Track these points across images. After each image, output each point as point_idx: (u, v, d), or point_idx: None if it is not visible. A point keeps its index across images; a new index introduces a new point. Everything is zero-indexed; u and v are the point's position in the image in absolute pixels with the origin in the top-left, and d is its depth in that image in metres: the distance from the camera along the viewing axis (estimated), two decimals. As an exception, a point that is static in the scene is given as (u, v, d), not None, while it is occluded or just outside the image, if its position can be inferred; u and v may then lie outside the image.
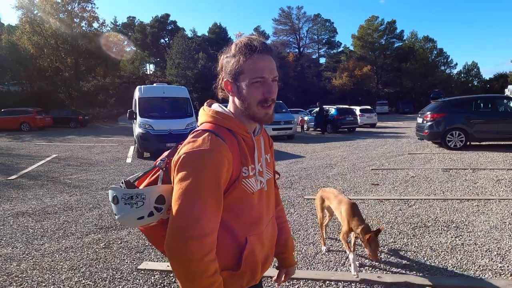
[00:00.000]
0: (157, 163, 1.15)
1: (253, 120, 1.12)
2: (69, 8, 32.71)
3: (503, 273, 2.98)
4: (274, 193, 1.29)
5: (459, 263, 3.18)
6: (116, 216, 1.10)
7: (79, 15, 33.54)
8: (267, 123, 1.12)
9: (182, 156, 0.99)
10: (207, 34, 54.98)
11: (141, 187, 1.13)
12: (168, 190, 1.07)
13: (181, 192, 0.96)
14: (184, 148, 1.01)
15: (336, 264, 3.25)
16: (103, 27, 36.11)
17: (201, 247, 0.93)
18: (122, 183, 1.11)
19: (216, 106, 1.15)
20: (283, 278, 1.40)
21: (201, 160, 0.97)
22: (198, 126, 1.15)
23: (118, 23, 57.73)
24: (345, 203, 3.14)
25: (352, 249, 3.04)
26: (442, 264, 3.17)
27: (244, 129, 1.11)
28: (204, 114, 1.13)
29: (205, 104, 1.19)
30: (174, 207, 0.96)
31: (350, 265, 3.04)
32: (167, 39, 55.79)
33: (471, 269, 3.07)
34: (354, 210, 3.04)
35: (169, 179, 1.11)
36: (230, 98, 1.13)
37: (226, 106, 1.16)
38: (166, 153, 1.19)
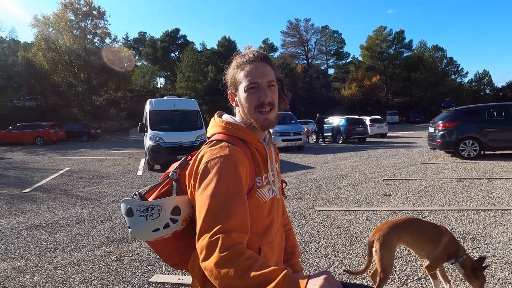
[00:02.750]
0: (169, 175, 1.14)
1: (260, 129, 1.12)
2: (83, 25, 33.68)
3: (524, 287, 2.88)
4: (283, 201, 1.30)
5: (477, 276, 3.08)
6: (129, 229, 1.08)
7: (92, 31, 34.49)
8: (267, 129, 1.13)
9: (203, 166, 0.99)
10: (216, 47, 55.79)
11: (150, 199, 1.12)
12: (183, 201, 1.07)
13: (206, 199, 0.93)
14: (204, 158, 1.01)
15: (350, 277, 3.18)
16: (115, 42, 37.02)
17: (236, 239, 0.88)
18: (136, 195, 1.10)
19: (227, 117, 1.16)
20: None
21: (223, 165, 0.97)
22: (207, 138, 1.15)
23: (129, 38, 59.14)
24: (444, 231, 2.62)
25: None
26: (459, 277, 3.07)
27: (257, 139, 1.12)
28: (216, 125, 1.14)
29: (216, 115, 1.20)
30: (201, 213, 0.92)
31: None
32: (177, 53, 56.70)
33: (491, 283, 2.97)
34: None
35: (181, 190, 1.11)
36: (236, 109, 1.16)
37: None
38: (176, 164, 1.18)
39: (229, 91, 1.14)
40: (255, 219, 1.07)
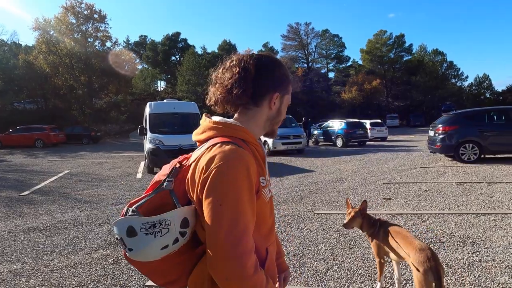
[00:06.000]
0: (164, 185, 1.04)
1: (270, 135, 1.19)
2: (83, 28, 33.73)
3: (525, 291, 2.85)
4: None
5: (477, 281, 3.05)
6: (130, 252, 0.96)
7: (93, 35, 34.55)
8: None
9: (213, 171, 0.92)
10: (216, 51, 55.89)
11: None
12: (190, 212, 1.01)
13: (222, 211, 0.89)
14: (213, 162, 0.93)
15: (348, 281, 3.15)
16: (116, 46, 37.10)
17: (252, 261, 0.91)
18: (133, 211, 0.99)
19: (221, 118, 1.10)
20: (283, 284, 1.35)
21: (236, 172, 0.92)
22: (197, 143, 1.10)
23: (130, 42, 59.26)
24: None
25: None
26: (459, 282, 3.05)
27: (255, 139, 1.08)
28: (211, 128, 1.06)
29: (204, 116, 1.13)
30: (217, 227, 0.89)
31: None
32: (177, 56, 56.81)
33: (490, 287, 2.94)
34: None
35: (177, 200, 1.03)
36: (256, 110, 1.08)
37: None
38: (165, 172, 1.09)
39: (278, 93, 1.09)
40: (261, 220, 1.04)
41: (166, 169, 1.11)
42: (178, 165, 1.09)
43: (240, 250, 0.88)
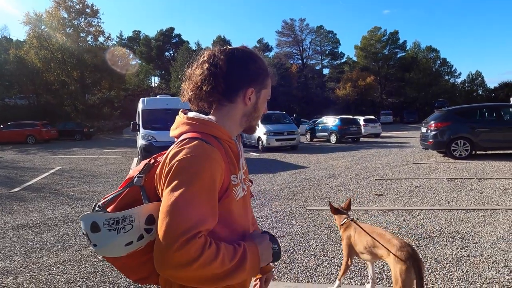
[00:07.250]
0: (134, 181, 1.03)
1: (248, 131, 1.16)
2: (76, 23, 33.38)
3: (511, 286, 2.88)
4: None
5: (464, 276, 3.08)
6: (95, 247, 0.95)
7: (85, 29, 34.20)
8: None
9: (175, 164, 0.90)
10: (211, 46, 55.47)
11: (108, 209, 1.01)
12: (157, 209, 0.95)
13: (174, 201, 0.86)
14: (177, 156, 0.92)
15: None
16: (109, 41, 36.72)
17: (197, 245, 0.84)
18: (99, 207, 0.98)
19: (196, 114, 1.09)
20: (264, 286, 1.33)
21: (197, 166, 0.89)
22: (175, 138, 1.07)
23: (123, 37, 58.69)
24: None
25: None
26: (447, 277, 3.07)
27: (229, 136, 1.06)
28: (184, 123, 1.05)
29: (180, 112, 1.12)
30: (166, 218, 0.84)
31: None
32: (171, 52, 56.47)
33: (478, 282, 2.97)
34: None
35: (147, 197, 1.01)
36: (231, 106, 1.07)
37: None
38: (140, 167, 1.07)
39: (253, 88, 1.06)
40: (232, 219, 1.03)
41: (142, 164, 1.09)
42: (152, 161, 1.07)
43: (183, 240, 0.82)
